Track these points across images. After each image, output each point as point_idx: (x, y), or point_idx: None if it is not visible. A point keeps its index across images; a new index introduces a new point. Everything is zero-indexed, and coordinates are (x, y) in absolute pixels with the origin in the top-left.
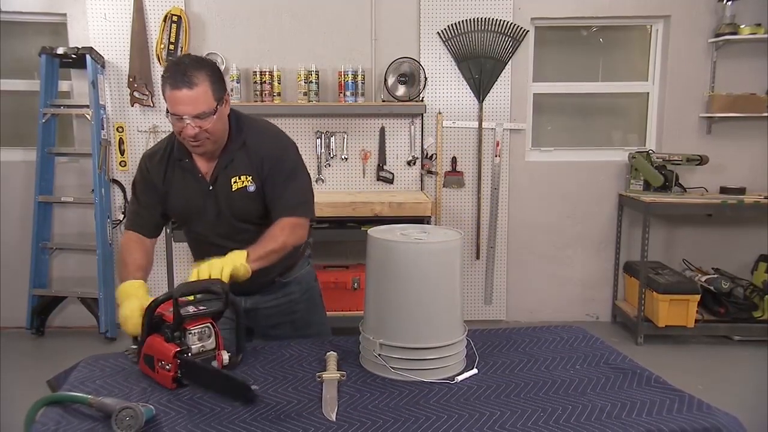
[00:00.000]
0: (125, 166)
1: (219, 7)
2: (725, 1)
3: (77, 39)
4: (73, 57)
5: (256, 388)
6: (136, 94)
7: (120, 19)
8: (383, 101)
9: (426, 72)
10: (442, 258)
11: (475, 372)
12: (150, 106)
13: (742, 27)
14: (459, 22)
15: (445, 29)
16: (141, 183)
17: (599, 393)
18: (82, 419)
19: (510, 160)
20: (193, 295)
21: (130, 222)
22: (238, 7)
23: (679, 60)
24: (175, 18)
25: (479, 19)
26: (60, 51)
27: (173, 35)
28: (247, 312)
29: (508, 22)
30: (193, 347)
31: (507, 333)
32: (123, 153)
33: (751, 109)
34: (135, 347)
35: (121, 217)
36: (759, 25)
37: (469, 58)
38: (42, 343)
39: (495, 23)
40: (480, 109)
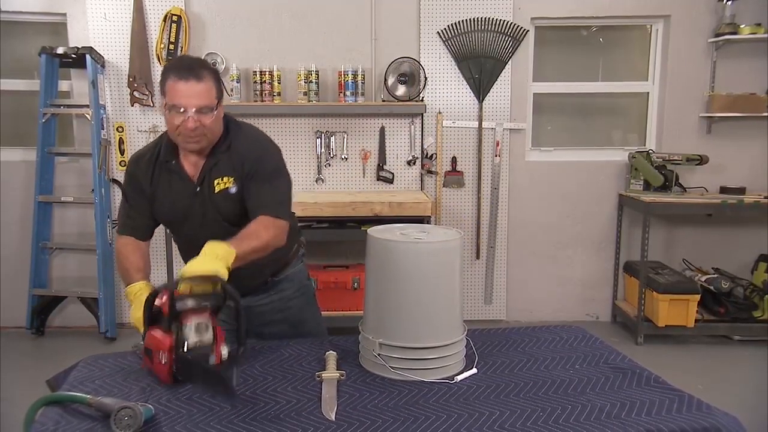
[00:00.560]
0: (125, 166)
1: (219, 7)
2: (725, 1)
3: (77, 39)
4: (73, 57)
5: (237, 391)
6: (136, 93)
7: (120, 19)
8: (383, 101)
9: (426, 72)
10: (441, 258)
11: (475, 372)
12: (150, 105)
13: (742, 27)
14: (459, 21)
15: (445, 29)
16: (129, 186)
17: (599, 393)
18: (81, 419)
19: (510, 159)
20: (191, 288)
21: (122, 226)
22: (238, 7)
23: (679, 60)
24: (175, 18)
25: (479, 19)
26: (60, 51)
27: (173, 35)
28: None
29: (508, 21)
30: (190, 341)
31: (507, 333)
32: (123, 153)
33: (751, 109)
34: (142, 343)
35: None
36: (759, 25)
37: (469, 57)
38: (42, 343)
39: (495, 23)
40: (480, 109)
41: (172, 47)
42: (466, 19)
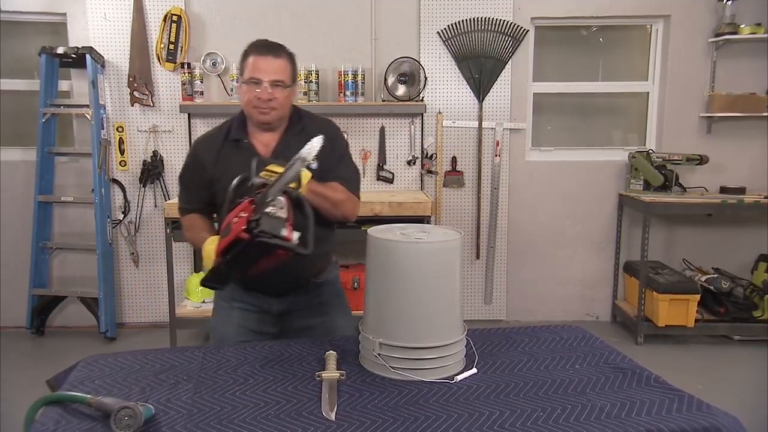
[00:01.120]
0: (125, 165)
1: (219, 7)
2: (725, 1)
3: (77, 39)
4: (73, 57)
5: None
6: (136, 93)
7: (120, 19)
8: (383, 101)
9: (426, 72)
10: (441, 258)
11: (475, 372)
12: (150, 105)
13: (742, 27)
14: (459, 21)
15: (445, 29)
16: (189, 170)
17: (599, 393)
18: (81, 419)
19: (510, 159)
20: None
21: (182, 210)
22: (237, 7)
23: (679, 60)
24: (175, 18)
25: (479, 19)
26: (60, 51)
27: (173, 35)
28: (280, 315)
29: (508, 21)
30: (268, 209)
31: (507, 333)
32: (123, 153)
33: (751, 109)
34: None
35: (121, 217)
36: (759, 25)
37: (469, 57)
38: (42, 343)
39: (495, 23)
40: (480, 109)
41: (172, 47)
42: (466, 19)
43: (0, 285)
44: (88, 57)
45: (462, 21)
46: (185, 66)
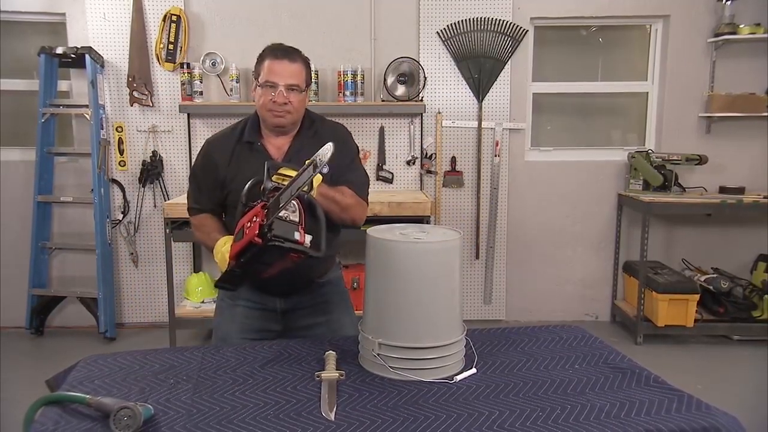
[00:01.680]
0: (124, 165)
1: (218, 7)
2: (724, 1)
3: (76, 39)
4: (73, 57)
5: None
6: (135, 93)
7: (119, 19)
8: (383, 101)
9: (425, 72)
10: (441, 258)
11: (474, 372)
12: (149, 105)
13: (741, 27)
14: (458, 21)
15: (445, 29)
16: (202, 170)
17: (598, 393)
18: (80, 419)
19: (509, 159)
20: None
21: (194, 211)
22: (237, 7)
23: (679, 60)
24: (175, 18)
25: (479, 19)
26: (59, 51)
27: (172, 35)
28: (284, 313)
29: (507, 21)
30: (281, 213)
31: (506, 333)
32: (122, 153)
33: (751, 109)
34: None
35: (121, 217)
36: (758, 25)
37: (469, 57)
38: (41, 343)
39: (494, 23)
40: (479, 109)
41: (171, 47)
42: (465, 19)
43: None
44: (87, 57)
45: (461, 21)
46: (185, 66)
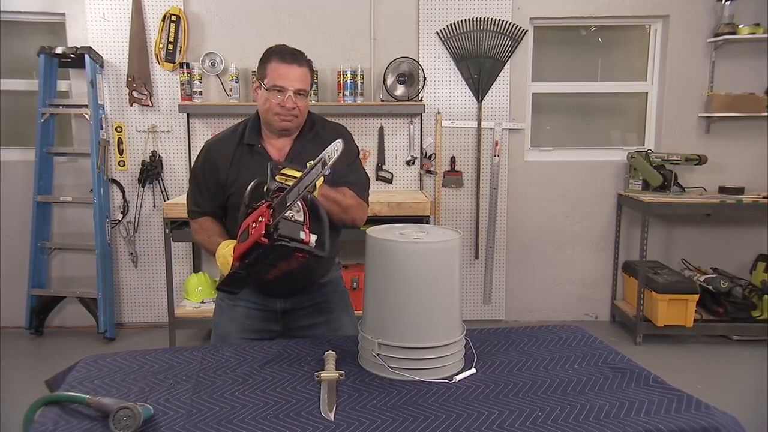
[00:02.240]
0: (124, 165)
1: (217, 7)
2: (724, 1)
3: (76, 39)
4: (72, 57)
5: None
6: (134, 93)
7: (119, 19)
8: (382, 101)
9: (425, 72)
10: (440, 258)
11: (474, 372)
12: (149, 105)
13: (740, 27)
14: (458, 21)
15: (444, 29)
16: (203, 173)
17: (598, 393)
18: (80, 419)
19: (509, 159)
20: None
21: (195, 213)
22: (236, 7)
23: (678, 60)
24: (174, 18)
25: (478, 19)
26: (59, 51)
27: (172, 35)
28: (284, 313)
29: (507, 21)
30: (287, 213)
31: (505, 332)
32: (122, 153)
33: (750, 109)
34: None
35: (120, 217)
36: (758, 25)
37: (468, 57)
38: (41, 343)
39: (494, 23)
40: (479, 109)
41: (170, 47)
42: (465, 19)
43: None
44: (86, 57)
45: (461, 21)
46: (184, 66)
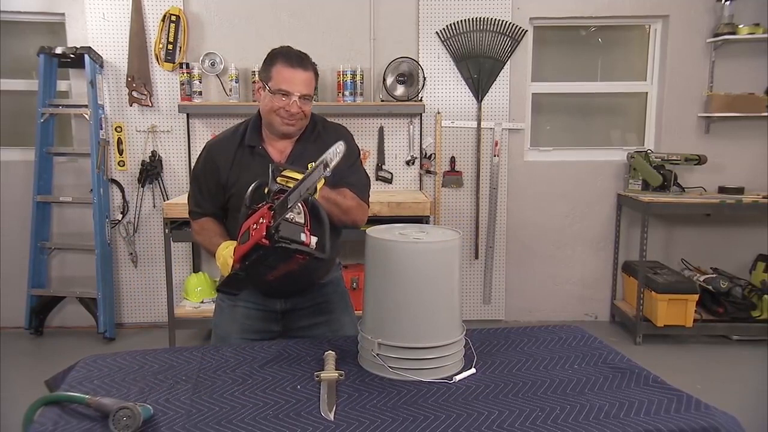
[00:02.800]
0: (124, 165)
1: (217, 7)
2: (724, 1)
3: (76, 39)
4: (72, 57)
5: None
6: (134, 93)
7: (118, 19)
8: (382, 101)
9: (425, 72)
10: (440, 258)
11: (474, 372)
12: (148, 105)
13: (740, 27)
14: (458, 21)
15: (444, 29)
16: (204, 174)
17: (597, 392)
18: (80, 419)
19: (509, 159)
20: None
21: (196, 214)
22: (236, 7)
23: (678, 60)
24: (174, 18)
25: (478, 19)
26: (58, 51)
27: (172, 35)
28: (284, 313)
29: (506, 21)
30: (287, 215)
31: (505, 333)
32: (121, 153)
33: (750, 109)
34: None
35: (120, 217)
36: (757, 25)
37: (468, 57)
38: (40, 343)
39: (494, 23)
40: (479, 109)
41: (170, 47)
42: (464, 19)
43: None
44: (86, 57)
45: (461, 21)
46: (184, 66)
